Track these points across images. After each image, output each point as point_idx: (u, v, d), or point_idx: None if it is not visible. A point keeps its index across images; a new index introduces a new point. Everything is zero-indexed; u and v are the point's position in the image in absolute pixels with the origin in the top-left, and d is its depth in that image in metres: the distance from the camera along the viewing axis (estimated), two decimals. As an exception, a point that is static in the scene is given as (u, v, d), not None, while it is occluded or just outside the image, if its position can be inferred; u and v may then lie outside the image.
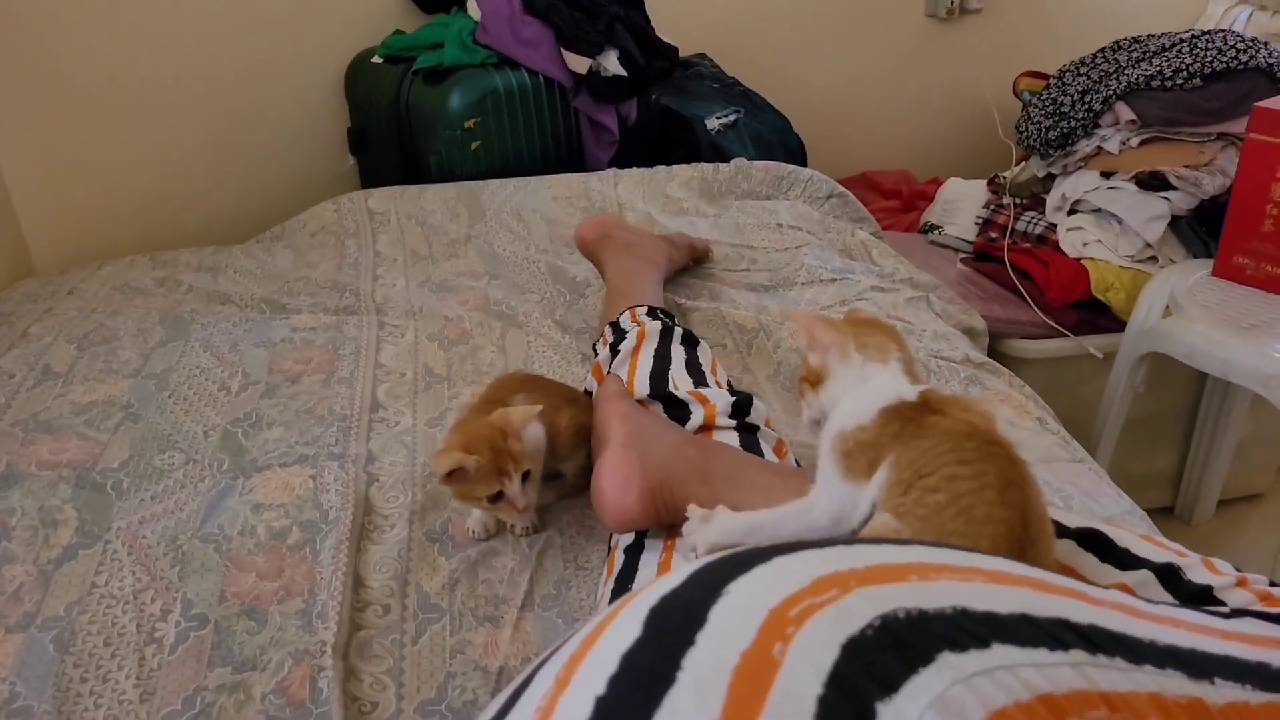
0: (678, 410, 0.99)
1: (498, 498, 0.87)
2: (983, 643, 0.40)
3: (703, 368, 1.09)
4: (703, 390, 1.02)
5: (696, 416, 0.98)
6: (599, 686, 0.40)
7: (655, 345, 1.10)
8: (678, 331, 1.13)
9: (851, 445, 0.68)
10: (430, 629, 0.83)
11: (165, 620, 0.82)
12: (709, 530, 0.75)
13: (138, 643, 0.80)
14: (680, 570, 0.46)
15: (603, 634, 0.43)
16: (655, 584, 0.45)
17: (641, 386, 1.03)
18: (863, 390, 0.71)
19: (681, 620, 0.41)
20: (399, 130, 1.76)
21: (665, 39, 1.85)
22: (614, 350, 1.13)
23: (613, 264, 1.28)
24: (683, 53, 1.94)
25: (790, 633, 0.39)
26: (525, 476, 0.87)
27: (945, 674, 0.38)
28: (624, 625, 0.43)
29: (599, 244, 1.32)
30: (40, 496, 0.96)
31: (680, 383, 1.04)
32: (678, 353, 1.09)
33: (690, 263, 1.45)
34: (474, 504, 0.89)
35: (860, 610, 0.40)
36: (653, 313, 1.16)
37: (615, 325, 1.16)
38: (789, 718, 0.36)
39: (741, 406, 0.99)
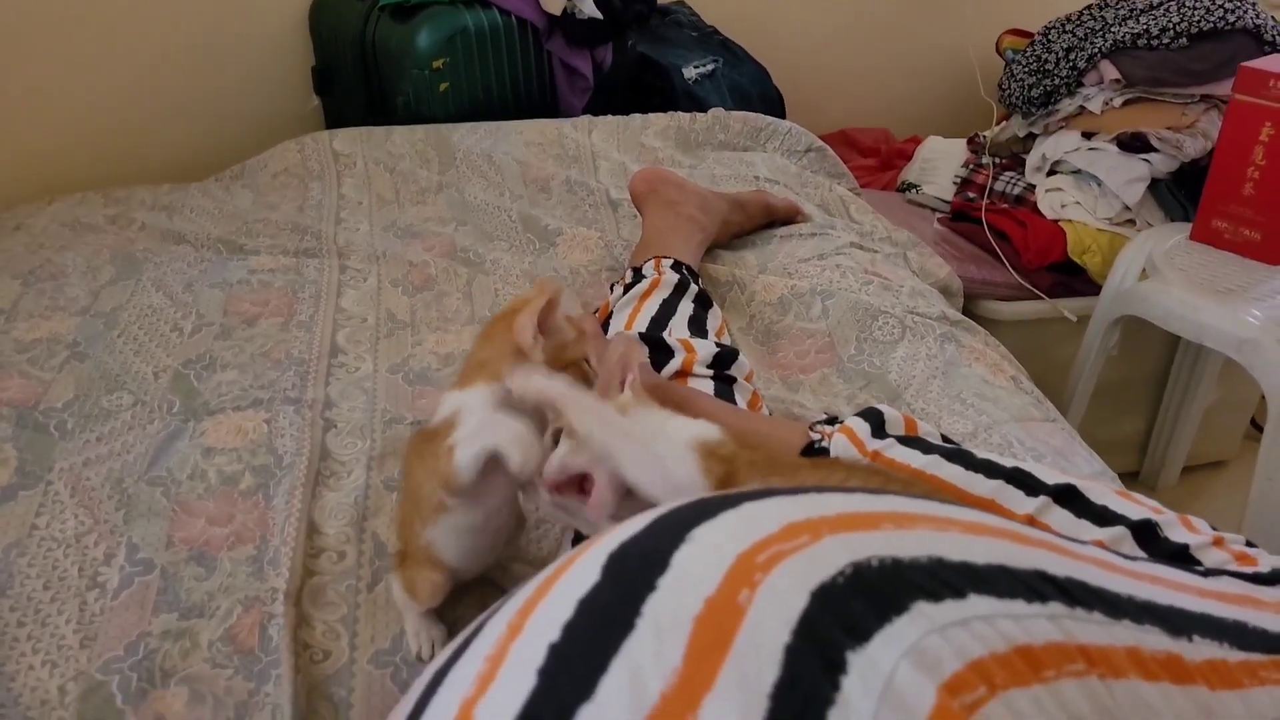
0: (661, 355, 0.98)
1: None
2: (959, 593, 0.38)
3: (706, 326, 1.08)
4: (694, 340, 1.01)
5: (675, 362, 0.97)
6: (554, 633, 0.38)
7: (666, 295, 1.10)
8: (693, 289, 1.13)
9: (724, 453, 0.60)
10: (386, 576, 0.80)
11: (109, 565, 0.79)
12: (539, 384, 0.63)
13: (79, 587, 0.77)
14: (642, 516, 0.43)
15: (559, 580, 0.41)
16: (615, 530, 0.43)
17: (639, 328, 1.04)
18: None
19: (643, 565, 0.39)
20: (364, 69, 1.69)
21: (644, -17, 1.79)
22: (626, 291, 1.13)
23: (650, 217, 1.28)
24: (661, -1, 1.89)
25: (758, 579, 0.37)
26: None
27: (920, 623, 0.36)
28: (581, 571, 0.40)
29: (645, 197, 1.30)
30: (-22, 436, 0.92)
31: (676, 332, 1.04)
32: (685, 307, 1.09)
33: (767, 225, 1.41)
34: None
35: (832, 557, 0.38)
36: (677, 266, 1.15)
37: (637, 270, 1.16)
38: (754, 667, 0.34)
39: (724, 359, 0.98)
